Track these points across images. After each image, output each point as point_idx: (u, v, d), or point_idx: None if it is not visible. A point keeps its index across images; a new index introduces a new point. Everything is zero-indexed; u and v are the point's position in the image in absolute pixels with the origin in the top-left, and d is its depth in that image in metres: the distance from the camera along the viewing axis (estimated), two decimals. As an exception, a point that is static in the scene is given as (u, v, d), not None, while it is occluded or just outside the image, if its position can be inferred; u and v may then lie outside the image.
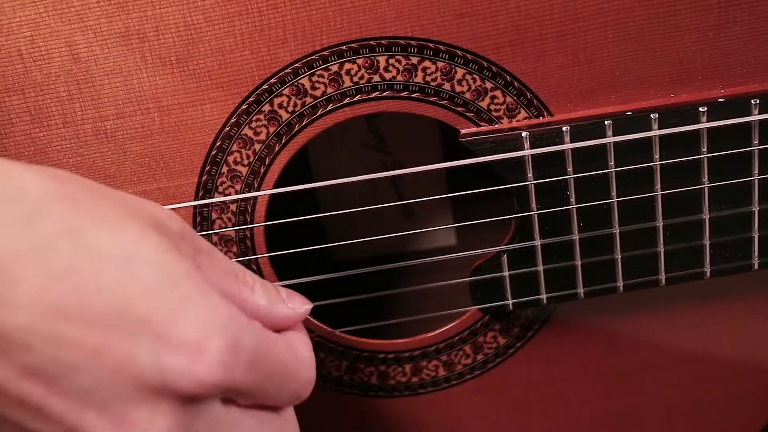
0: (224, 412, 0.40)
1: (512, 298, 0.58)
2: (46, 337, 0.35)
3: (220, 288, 0.42)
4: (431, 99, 0.54)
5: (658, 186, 0.55)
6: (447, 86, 0.54)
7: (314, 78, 0.53)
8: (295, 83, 0.53)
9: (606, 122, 0.54)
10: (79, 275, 0.36)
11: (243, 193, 0.56)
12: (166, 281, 0.37)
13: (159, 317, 0.36)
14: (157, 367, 0.36)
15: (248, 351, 0.39)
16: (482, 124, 0.55)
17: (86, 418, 0.36)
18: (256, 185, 0.56)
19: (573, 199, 0.55)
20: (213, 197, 0.56)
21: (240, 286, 0.44)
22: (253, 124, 0.54)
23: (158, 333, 0.36)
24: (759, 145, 0.54)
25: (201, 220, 0.56)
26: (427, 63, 0.53)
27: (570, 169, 0.55)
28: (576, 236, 0.56)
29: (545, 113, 0.55)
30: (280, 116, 0.54)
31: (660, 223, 0.56)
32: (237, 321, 0.39)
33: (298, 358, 0.45)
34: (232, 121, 0.54)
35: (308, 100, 0.54)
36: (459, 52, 0.53)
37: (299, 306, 0.48)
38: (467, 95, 0.54)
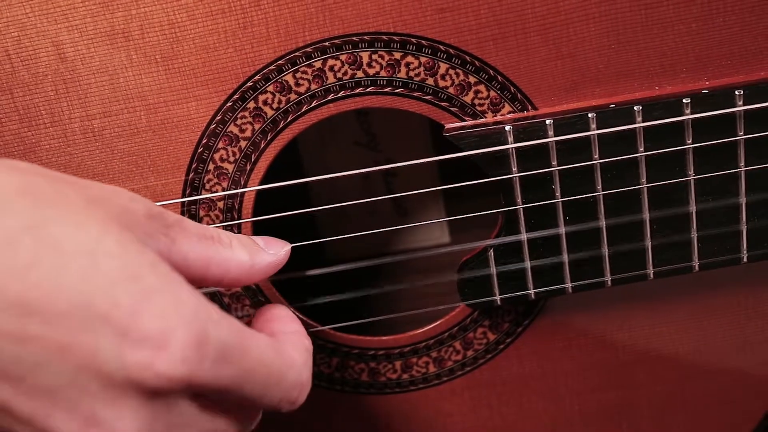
0: (196, 410, 0.39)
1: (500, 294, 0.58)
2: (9, 335, 0.35)
3: (200, 255, 0.42)
4: (415, 94, 0.55)
5: (644, 179, 0.55)
6: (430, 81, 0.54)
7: (298, 74, 0.54)
8: (279, 80, 0.54)
9: (590, 115, 0.54)
10: (41, 271, 0.35)
11: (229, 190, 0.56)
12: (128, 274, 0.36)
13: (121, 311, 0.36)
14: (120, 362, 0.36)
15: (217, 345, 0.37)
16: (467, 118, 0.55)
17: (54, 418, 0.36)
18: (242, 182, 0.56)
19: (558, 193, 0.55)
20: (200, 195, 0.56)
21: (218, 246, 0.44)
22: (239, 121, 0.55)
23: (120, 327, 0.36)
24: (744, 136, 0.54)
25: (188, 217, 0.57)
26: (410, 58, 0.54)
27: (554, 163, 0.55)
28: (562, 230, 0.56)
29: (529, 107, 0.55)
30: (265, 113, 0.55)
31: (647, 216, 0.56)
32: (206, 313, 0.38)
33: (283, 357, 0.43)
34: (218, 118, 0.54)
35: (292, 96, 0.54)
36: (442, 47, 0.53)
37: (279, 249, 0.48)
38: (451, 90, 0.54)
